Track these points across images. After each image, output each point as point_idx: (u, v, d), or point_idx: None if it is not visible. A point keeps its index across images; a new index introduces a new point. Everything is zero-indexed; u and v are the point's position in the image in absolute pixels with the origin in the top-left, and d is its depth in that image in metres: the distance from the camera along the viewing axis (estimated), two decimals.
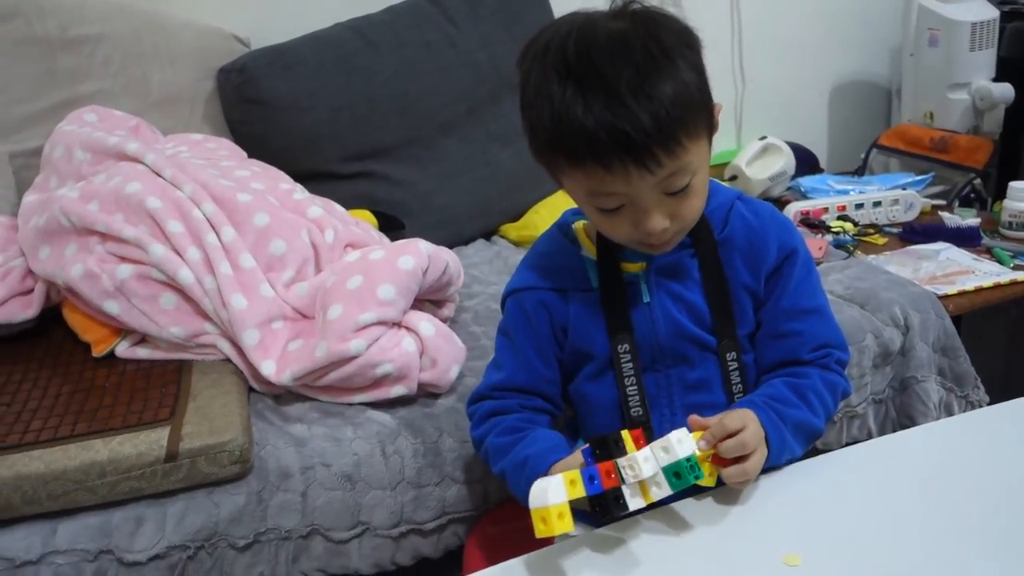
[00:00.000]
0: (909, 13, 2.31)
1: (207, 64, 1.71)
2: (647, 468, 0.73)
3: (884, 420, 1.42)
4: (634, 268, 0.89)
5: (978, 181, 2.12)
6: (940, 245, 1.73)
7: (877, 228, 1.86)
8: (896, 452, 0.88)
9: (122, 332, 1.26)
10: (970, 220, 1.85)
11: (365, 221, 1.53)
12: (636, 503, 0.73)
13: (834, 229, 1.81)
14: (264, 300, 1.21)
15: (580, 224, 0.94)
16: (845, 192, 1.98)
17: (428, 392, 1.21)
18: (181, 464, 1.03)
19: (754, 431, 0.78)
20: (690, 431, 0.77)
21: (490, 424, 0.93)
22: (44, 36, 1.55)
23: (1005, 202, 1.79)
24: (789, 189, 2.12)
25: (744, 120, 2.42)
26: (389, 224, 1.65)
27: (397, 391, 1.17)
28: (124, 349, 1.25)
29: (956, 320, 1.49)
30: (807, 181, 2.11)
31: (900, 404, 1.42)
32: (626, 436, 0.75)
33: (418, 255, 1.23)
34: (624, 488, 0.73)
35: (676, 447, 0.73)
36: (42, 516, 1.00)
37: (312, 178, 1.62)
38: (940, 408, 1.42)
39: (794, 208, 1.87)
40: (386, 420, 1.16)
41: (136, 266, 1.22)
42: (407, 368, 1.16)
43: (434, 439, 1.14)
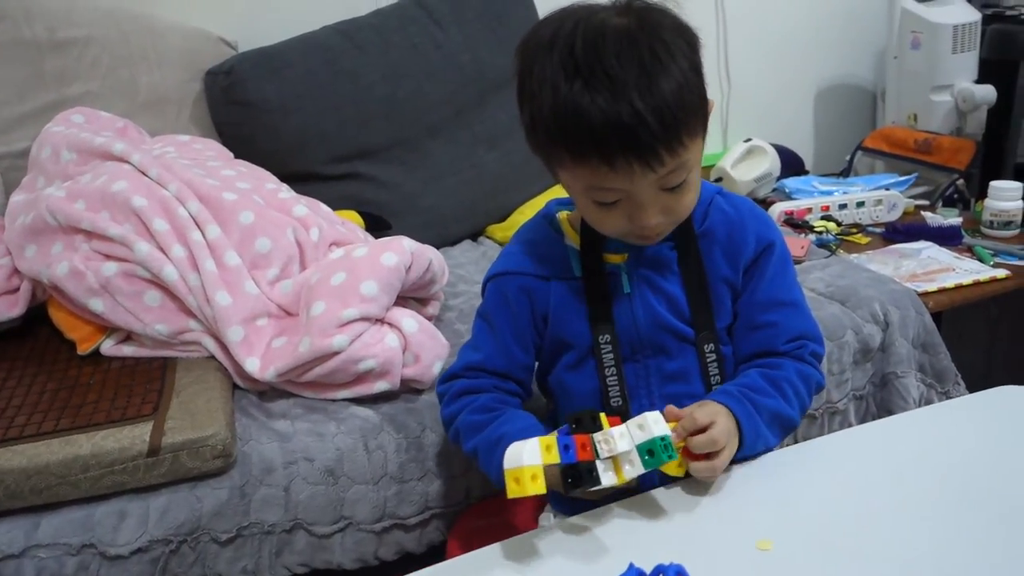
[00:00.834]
0: (892, 16, 2.33)
1: (195, 66, 1.73)
2: (622, 444, 0.74)
3: (865, 416, 1.43)
4: (616, 259, 0.90)
5: (961, 182, 2.14)
6: (922, 244, 1.75)
7: (860, 228, 1.88)
8: (871, 441, 0.89)
9: (107, 330, 1.27)
10: (952, 219, 1.86)
11: (351, 221, 1.54)
12: (608, 478, 0.75)
13: (817, 229, 1.83)
14: (248, 297, 1.22)
15: (564, 214, 0.95)
16: (829, 193, 2.00)
17: (411, 388, 1.22)
18: (164, 458, 1.03)
19: (723, 427, 0.79)
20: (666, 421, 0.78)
21: (463, 402, 0.93)
22: (32, 39, 1.56)
23: (986, 201, 1.81)
24: (774, 190, 2.14)
25: (730, 122, 2.44)
26: (376, 225, 1.66)
27: (380, 387, 1.18)
28: (109, 347, 1.26)
29: (936, 317, 1.50)
30: (792, 182, 2.12)
31: (880, 400, 1.43)
32: (603, 417, 0.76)
33: (401, 252, 1.24)
34: (598, 463, 0.74)
35: (652, 426, 0.74)
36: (25, 510, 1.01)
37: (299, 179, 1.63)
38: (920, 403, 1.43)
39: (778, 208, 1.89)
40: (369, 415, 1.16)
41: (121, 264, 1.23)
42: (390, 364, 1.17)
43: (417, 434, 1.15)
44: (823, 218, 1.87)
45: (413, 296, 1.35)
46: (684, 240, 0.90)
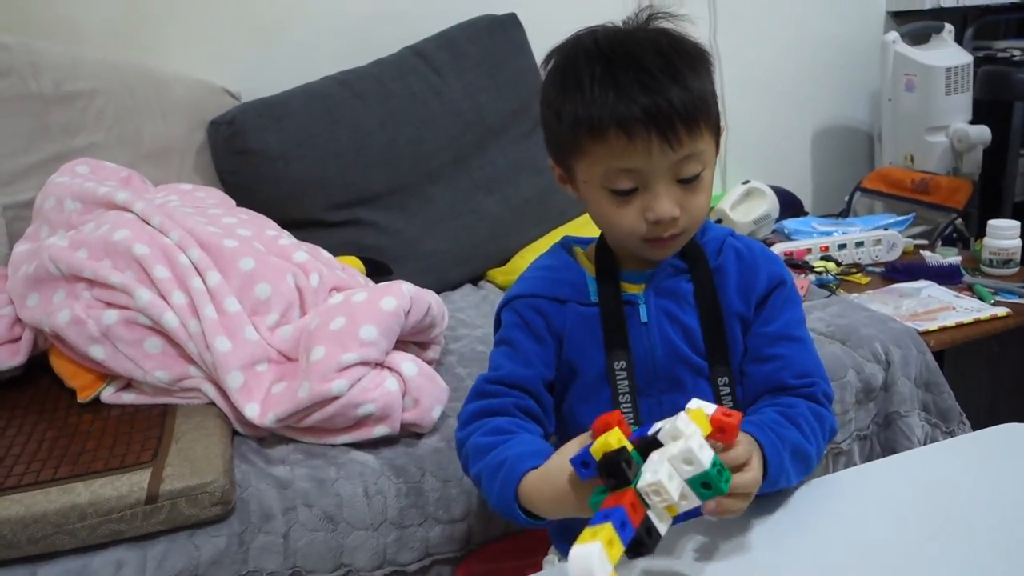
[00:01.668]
0: (886, 59, 2.37)
1: (198, 116, 1.76)
2: (674, 488, 0.64)
3: (870, 456, 1.42)
4: (634, 289, 0.90)
5: (959, 221, 2.15)
6: (922, 283, 1.75)
7: (860, 268, 1.88)
8: (876, 479, 0.88)
9: (108, 377, 1.27)
10: (951, 258, 1.87)
11: (352, 267, 1.55)
12: (664, 527, 0.65)
13: (817, 269, 1.83)
14: (248, 343, 1.22)
15: (579, 249, 0.95)
16: (828, 233, 2.01)
17: (411, 432, 1.21)
18: (162, 506, 1.03)
19: (759, 463, 0.75)
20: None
21: (476, 424, 0.87)
22: (38, 92, 1.59)
23: (985, 240, 1.82)
24: (774, 232, 2.15)
25: (728, 164, 2.46)
26: (377, 270, 1.67)
27: (380, 431, 1.17)
28: (109, 394, 1.26)
29: (939, 356, 1.50)
30: (791, 223, 2.14)
31: (885, 440, 1.42)
32: (617, 435, 0.65)
33: (400, 296, 1.24)
34: (650, 514, 0.65)
35: (699, 455, 0.64)
36: (22, 560, 1.00)
37: (301, 226, 1.65)
38: (925, 443, 1.42)
39: (777, 249, 1.89)
40: (369, 460, 1.16)
41: (122, 311, 1.23)
42: (389, 408, 1.17)
43: (417, 479, 1.14)
44: (822, 258, 1.88)
45: (413, 340, 1.35)
46: (700, 273, 0.90)
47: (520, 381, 0.89)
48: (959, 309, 1.61)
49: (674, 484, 0.64)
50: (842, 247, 1.91)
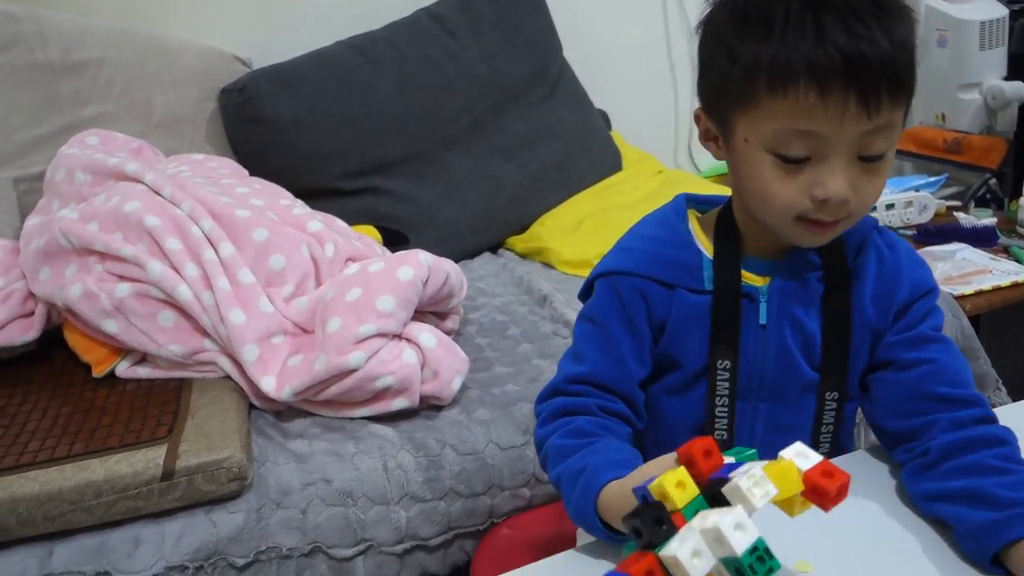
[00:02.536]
0: (916, 13, 2.28)
1: (209, 85, 1.72)
2: (696, 569, 0.52)
3: None
4: (757, 281, 0.78)
5: (993, 181, 2.08)
6: (956, 246, 1.70)
7: (892, 231, 1.82)
8: None
9: (122, 352, 1.25)
10: (986, 220, 1.81)
11: (368, 236, 1.52)
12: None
13: None
14: (263, 315, 1.19)
15: (695, 216, 0.83)
16: None
17: (430, 404, 1.18)
18: (178, 482, 1.01)
19: None
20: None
21: (558, 424, 0.78)
22: (46, 62, 1.56)
23: (1022, 200, 1.76)
24: None
25: None
26: (393, 239, 1.64)
27: (398, 404, 1.15)
28: (124, 369, 1.24)
29: (974, 321, 1.45)
30: None
31: None
32: (679, 478, 0.56)
33: (417, 266, 1.21)
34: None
35: (731, 538, 0.52)
36: (38, 538, 0.99)
37: (315, 195, 1.62)
38: None
39: None
40: (388, 434, 1.13)
41: (135, 284, 1.21)
42: (408, 380, 1.14)
43: (437, 452, 1.12)
44: None
45: (431, 310, 1.32)
46: (835, 272, 0.78)
47: (607, 381, 0.79)
48: (995, 272, 1.56)
49: (700, 564, 0.52)
50: (873, 209, 1.85)
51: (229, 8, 1.84)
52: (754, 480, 0.54)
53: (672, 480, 0.55)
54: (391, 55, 1.77)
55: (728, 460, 0.58)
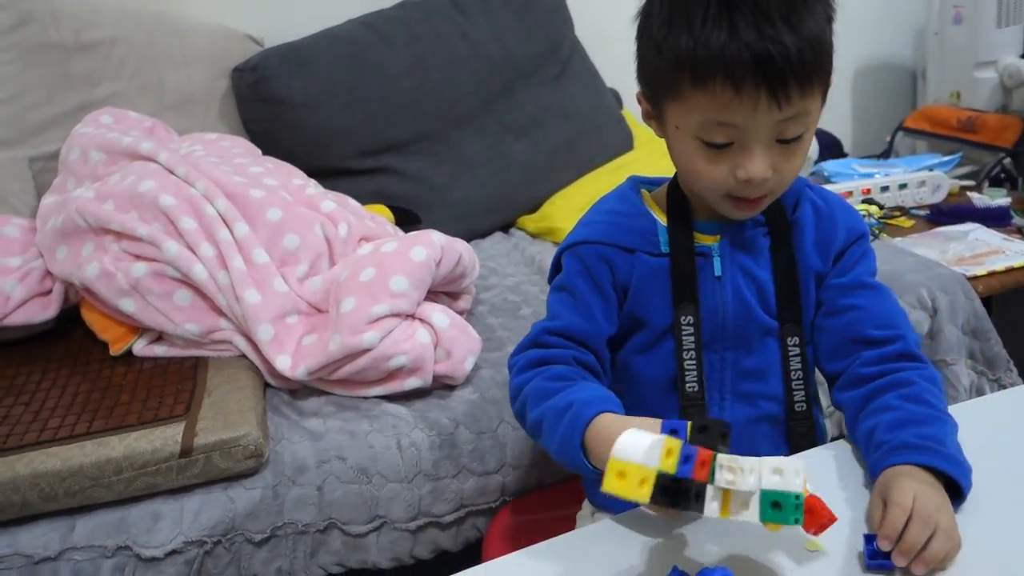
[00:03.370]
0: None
1: (221, 64, 1.72)
2: (747, 480, 0.61)
3: None
4: (708, 240, 0.85)
5: (1008, 160, 2.06)
6: (969, 226, 1.69)
7: (904, 211, 1.82)
8: None
9: (139, 330, 1.26)
10: (1000, 200, 1.80)
11: (381, 216, 1.53)
12: (712, 509, 0.61)
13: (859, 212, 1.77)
14: (278, 295, 1.20)
15: (646, 192, 0.90)
16: (870, 175, 1.94)
17: (443, 384, 1.20)
18: (196, 459, 1.02)
19: (924, 501, 0.67)
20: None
21: (537, 371, 0.83)
22: (59, 41, 1.56)
23: None
24: (813, 174, 2.08)
25: None
26: (405, 218, 1.65)
27: (412, 383, 1.16)
28: (141, 347, 1.26)
29: (986, 301, 1.45)
30: (831, 165, 2.07)
31: None
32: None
33: (431, 246, 1.22)
34: (709, 487, 0.61)
35: (791, 476, 0.60)
36: (60, 513, 1.01)
37: (327, 175, 1.62)
38: (971, 392, 1.38)
39: None
40: (402, 413, 1.15)
41: (151, 264, 1.22)
42: (421, 360, 1.15)
43: (450, 431, 1.13)
44: (864, 201, 1.82)
45: (444, 291, 1.33)
46: (777, 226, 0.85)
47: (580, 335, 0.85)
48: (1009, 253, 1.55)
49: (751, 478, 0.60)
50: (885, 189, 1.84)
51: None
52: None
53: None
54: (403, 34, 1.77)
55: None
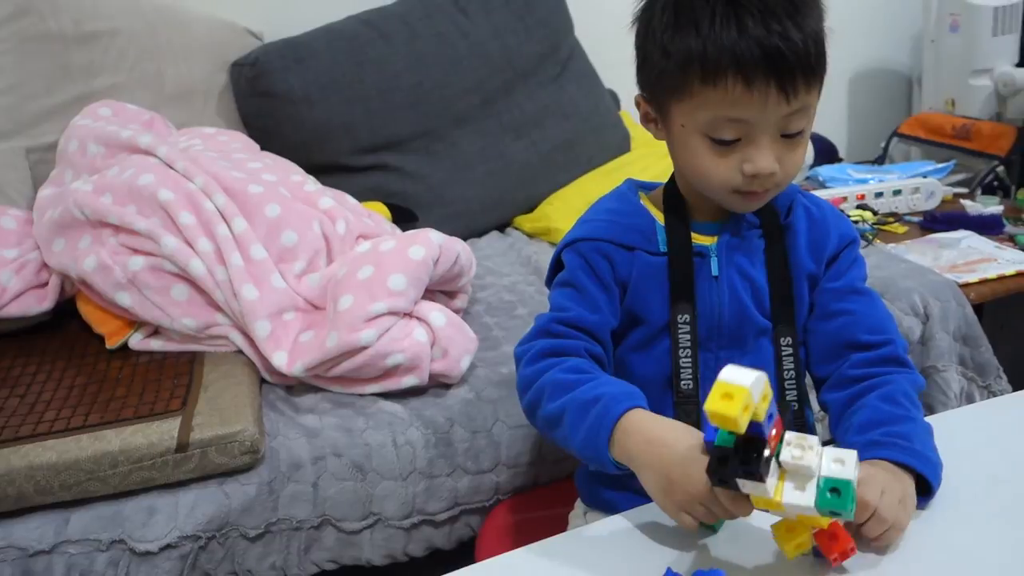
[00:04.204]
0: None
1: (220, 58, 1.72)
2: (810, 460, 0.61)
3: None
4: (706, 240, 0.87)
5: (1001, 168, 2.09)
6: (961, 233, 1.70)
7: (897, 217, 1.83)
8: None
9: (135, 324, 1.26)
10: (992, 208, 1.81)
11: (378, 213, 1.53)
12: (769, 484, 0.61)
13: (852, 218, 1.78)
14: (275, 291, 1.21)
15: (643, 194, 0.92)
16: (864, 181, 1.95)
17: (439, 382, 1.20)
18: (192, 454, 1.03)
19: (891, 495, 0.69)
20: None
21: (551, 361, 0.82)
22: (58, 32, 1.55)
23: None
24: (808, 179, 2.09)
25: None
26: (402, 216, 1.65)
27: (408, 381, 1.16)
28: (137, 341, 1.26)
29: (978, 309, 1.46)
30: (826, 171, 2.08)
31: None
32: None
33: (429, 245, 1.22)
34: (773, 462, 0.61)
35: (851, 466, 0.62)
36: (55, 506, 1.01)
37: (325, 171, 1.62)
38: (961, 398, 1.39)
39: None
40: (397, 410, 1.15)
41: (148, 258, 1.22)
42: (418, 358, 1.15)
43: (445, 430, 1.14)
44: (858, 207, 1.83)
45: (441, 289, 1.33)
46: (771, 229, 0.88)
47: (588, 325, 0.86)
48: (1001, 261, 1.56)
49: (814, 460, 0.61)
50: (879, 195, 1.85)
51: None
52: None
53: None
54: (403, 31, 1.77)
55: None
